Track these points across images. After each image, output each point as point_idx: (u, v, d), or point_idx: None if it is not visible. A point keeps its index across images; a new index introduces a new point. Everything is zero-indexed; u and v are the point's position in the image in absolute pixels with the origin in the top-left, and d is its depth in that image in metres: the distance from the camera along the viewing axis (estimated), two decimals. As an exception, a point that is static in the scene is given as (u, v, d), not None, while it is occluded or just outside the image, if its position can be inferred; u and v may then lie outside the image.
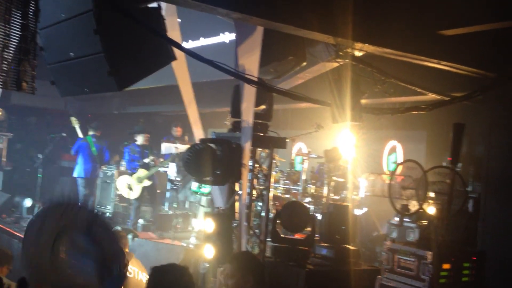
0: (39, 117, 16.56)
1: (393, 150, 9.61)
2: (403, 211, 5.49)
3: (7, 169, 13.64)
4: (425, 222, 5.97)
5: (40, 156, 13.02)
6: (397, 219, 6.13)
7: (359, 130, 8.95)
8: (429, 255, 4.98)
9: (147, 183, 10.63)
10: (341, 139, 8.89)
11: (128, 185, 10.63)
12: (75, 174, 12.40)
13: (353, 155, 8.94)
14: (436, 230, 5.45)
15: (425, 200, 5.40)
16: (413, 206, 5.63)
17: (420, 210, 5.47)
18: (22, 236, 2.18)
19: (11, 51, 4.09)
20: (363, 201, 9.11)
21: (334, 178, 8.94)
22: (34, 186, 12.95)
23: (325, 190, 9.04)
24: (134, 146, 10.93)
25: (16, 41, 4.14)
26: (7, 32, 4.05)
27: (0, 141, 13.27)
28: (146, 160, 10.77)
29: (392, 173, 6.00)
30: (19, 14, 4.15)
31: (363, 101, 5.76)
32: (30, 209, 11.49)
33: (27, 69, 4.21)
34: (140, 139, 10.89)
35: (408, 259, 5.14)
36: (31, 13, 4.26)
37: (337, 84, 5.52)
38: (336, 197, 9.05)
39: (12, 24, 4.10)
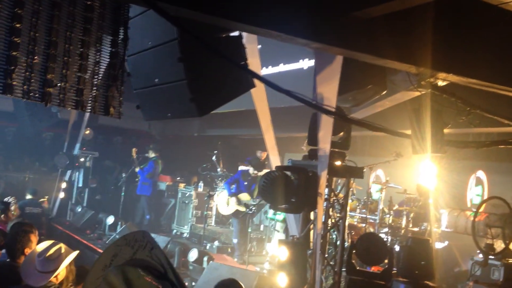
0: (125, 137, 17.27)
1: (478, 182, 9.17)
2: (488, 251, 5.20)
3: (92, 187, 14.29)
4: (511, 261, 5.62)
5: (123, 175, 13.51)
6: (481, 256, 5.81)
7: (441, 160, 8.62)
8: (515, 298, 4.69)
9: (241, 208, 10.38)
10: (422, 169, 8.60)
11: (227, 201, 10.62)
12: (145, 192, 13.01)
13: (434, 186, 8.62)
14: (524, 271, 5.12)
15: (512, 239, 5.09)
16: (499, 245, 5.33)
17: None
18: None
19: (100, 78, 4.31)
20: (445, 234, 8.74)
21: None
22: (117, 204, 13.41)
23: (403, 221, 8.78)
24: (247, 174, 10.64)
25: (105, 68, 4.36)
26: (97, 59, 4.27)
27: (87, 160, 13.94)
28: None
29: (476, 211, 5.72)
30: (108, 42, 4.38)
31: (445, 130, 5.54)
32: (112, 226, 11.90)
33: (114, 94, 4.41)
34: (251, 170, 10.58)
35: (492, 301, 4.85)
36: (120, 41, 4.48)
37: (418, 113, 5.34)
38: (415, 229, 8.75)
39: (102, 52, 4.33)
